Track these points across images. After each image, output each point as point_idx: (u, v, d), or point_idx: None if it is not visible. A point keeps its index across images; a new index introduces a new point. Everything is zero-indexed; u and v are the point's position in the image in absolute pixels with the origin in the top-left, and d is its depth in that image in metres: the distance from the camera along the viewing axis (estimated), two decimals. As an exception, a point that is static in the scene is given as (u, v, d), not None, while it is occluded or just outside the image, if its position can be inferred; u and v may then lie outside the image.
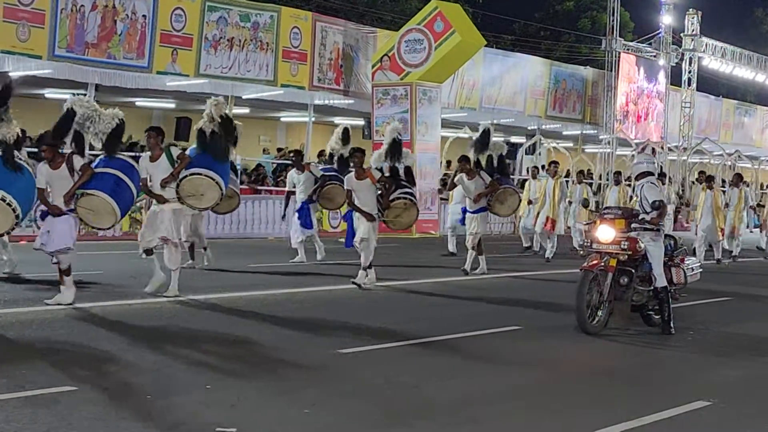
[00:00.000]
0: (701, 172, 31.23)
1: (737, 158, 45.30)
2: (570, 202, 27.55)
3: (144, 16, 29.21)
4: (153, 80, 29.86)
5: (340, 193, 20.76)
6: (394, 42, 35.44)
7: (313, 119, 35.26)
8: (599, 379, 11.32)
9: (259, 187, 32.92)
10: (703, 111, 54.85)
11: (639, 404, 9.62)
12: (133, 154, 19.29)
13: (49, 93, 31.16)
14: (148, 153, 15.83)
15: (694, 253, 22.67)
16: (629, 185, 27.19)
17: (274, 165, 35.96)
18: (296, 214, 22.31)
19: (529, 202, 27.07)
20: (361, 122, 36.36)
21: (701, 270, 15.48)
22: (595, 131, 46.79)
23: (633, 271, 13.79)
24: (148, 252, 15.92)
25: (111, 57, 28.53)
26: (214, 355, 11.30)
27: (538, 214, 26.61)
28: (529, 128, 44.41)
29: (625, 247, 13.62)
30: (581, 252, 18.25)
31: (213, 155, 15.93)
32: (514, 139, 44.17)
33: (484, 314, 15.59)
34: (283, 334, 12.94)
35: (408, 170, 19.23)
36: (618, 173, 30.01)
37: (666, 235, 14.34)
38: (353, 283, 17.88)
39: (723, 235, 27.50)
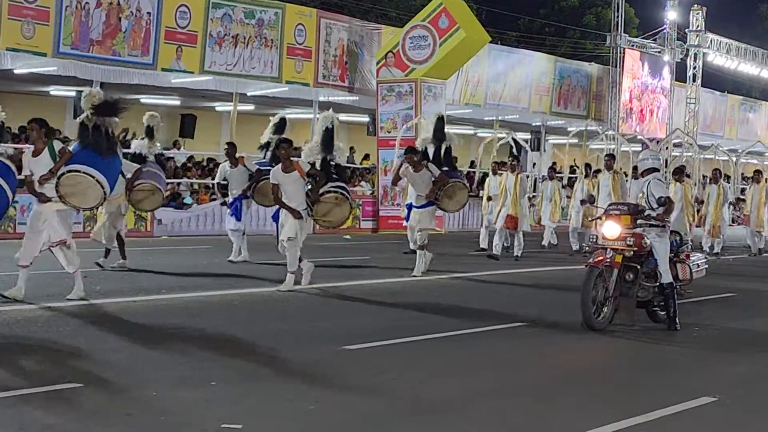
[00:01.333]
0: (716, 170, 30.60)
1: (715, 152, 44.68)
2: (530, 198, 26.60)
3: (149, 13, 29.23)
4: (158, 77, 29.89)
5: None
6: (398, 38, 35.45)
7: (317, 116, 35.21)
8: (605, 374, 11.32)
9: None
10: (708, 107, 54.81)
11: (645, 400, 9.61)
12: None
13: (54, 90, 31.23)
14: (32, 147, 14.83)
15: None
16: (596, 176, 26.54)
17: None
18: (228, 210, 21.37)
19: (489, 199, 25.92)
20: (365, 119, 36.39)
21: (707, 266, 15.47)
22: (600, 127, 46.75)
23: (638, 267, 13.78)
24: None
25: (116, 54, 28.57)
26: (218, 351, 11.29)
27: (500, 211, 25.02)
28: (533, 124, 44.41)
29: (631, 243, 13.60)
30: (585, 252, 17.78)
31: (96, 150, 14.75)
32: (519, 135, 44.18)
33: (487, 311, 15.56)
34: (285, 331, 12.94)
35: (339, 167, 17.79)
36: (588, 165, 28.47)
37: (671, 231, 14.33)
38: (279, 291, 16.60)
39: (691, 229, 27.10)
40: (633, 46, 48.99)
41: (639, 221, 13.80)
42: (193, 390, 9.34)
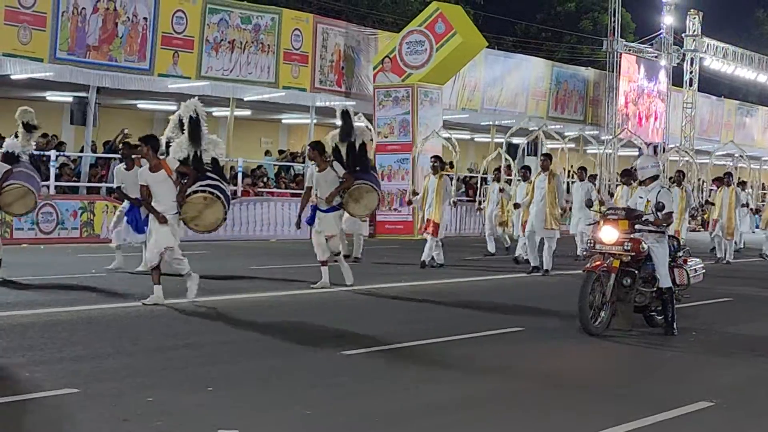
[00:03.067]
0: (727, 173, 30.11)
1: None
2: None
3: (145, 18, 29.24)
4: (154, 83, 29.90)
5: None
6: (395, 44, 35.49)
7: (314, 121, 35.24)
8: (602, 379, 11.30)
9: (260, 189, 32.89)
10: (705, 111, 54.90)
11: (642, 405, 9.60)
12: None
13: (51, 96, 31.21)
14: None
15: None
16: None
17: (276, 167, 35.96)
18: (125, 216, 19.33)
19: (516, 206, 24.23)
20: (362, 124, 36.36)
21: (704, 271, 15.46)
22: (597, 132, 46.77)
23: (636, 272, 13.76)
24: None
25: (112, 59, 28.58)
26: (214, 356, 11.28)
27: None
28: (530, 129, 44.42)
29: (629, 248, 13.59)
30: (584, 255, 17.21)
31: None
32: (515, 140, 44.19)
33: (485, 316, 15.55)
34: (283, 336, 12.91)
35: (215, 162, 15.82)
36: (526, 168, 26.10)
37: (669, 236, 14.32)
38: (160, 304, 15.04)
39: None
40: (630, 50, 49.04)
41: (637, 226, 13.79)
42: (190, 395, 9.32)
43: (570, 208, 25.82)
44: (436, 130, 33.61)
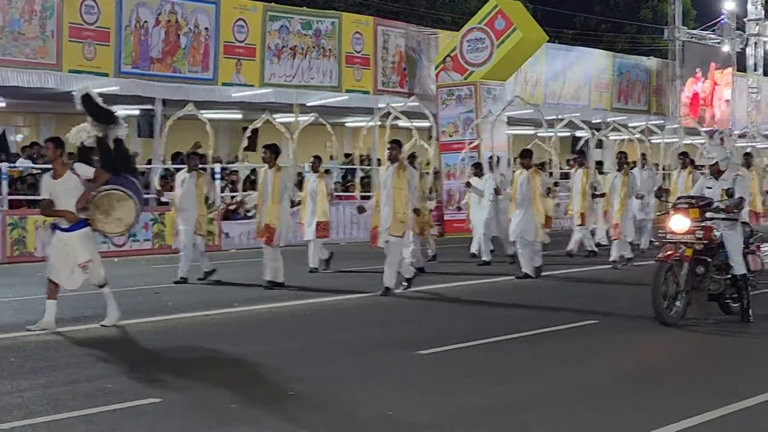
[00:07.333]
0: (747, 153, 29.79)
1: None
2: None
3: (206, 28, 29.49)
4: (218, 92, 30.11)
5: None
6: (455, 42, 35.50)
7: (378, 123, 35.30)
8: (680, 369, 11.26)
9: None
10: (771, 95, 54.35)
11: (721, 393, 9.57)
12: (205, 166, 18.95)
13: (117, 109, 31.40)
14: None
15: None
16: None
17: (342, 171, 36.05)
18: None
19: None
20: (427, 124, 36.36)
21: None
22: (662, 121, 46.44)
23: (709, 260, 13.70)
24: None
25: (176, 71, 28.86)
26: (294, 361, 11.36)
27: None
28: (594, 121, 44.22)
29: (701, 236, 13.53)
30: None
31: None
32: (579, 133, 44.00)
33: (557, 310, 15.49)
34: (303, 346, 12.82)
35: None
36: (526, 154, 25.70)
37: (741, 223, 14.24)
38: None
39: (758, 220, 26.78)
40: (692, 38, 48.68)
41: (708, 214, 13.72)
42: (273, 399, 9.40)
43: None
44: (492, 111, 32.76)
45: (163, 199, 19.91)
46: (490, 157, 25.00)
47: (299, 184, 22.63)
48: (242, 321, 14.62)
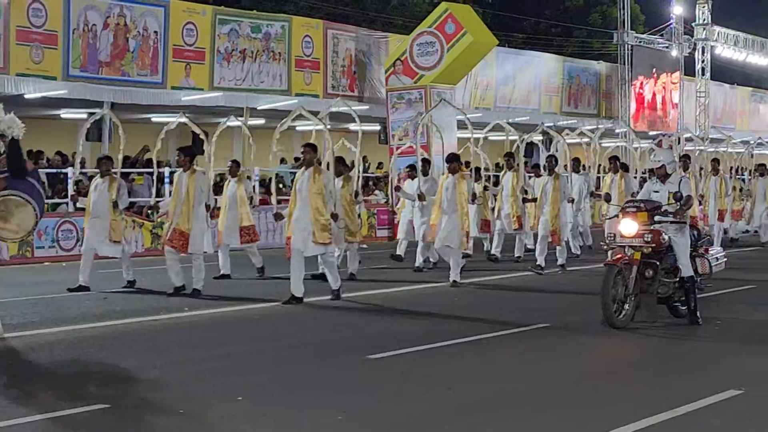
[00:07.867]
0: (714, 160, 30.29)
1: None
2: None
3: (155, 32, 29.29)
4: (168, 96, 29.93)
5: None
6: (406, 46, 35.45)
7: (328, 126, 35.20)
8: (629, 372, 11.32)
9: (279, 197, 32.88)
10: (719, 100, 54.73)
11: (671, 395, 9.61)
12: (150, 170, 18.79)
13: (65, 113, 31.30)
14: None
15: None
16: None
17: (292, 174, 35.97)
18: None
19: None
20: (377, 128, 36.38)
21: (726, 259, 15.46)
22: (611, 125, 46.69)
23: (658, 263, 13.78)
24: None
25: (125, 74, 28.62)
26: (240, 366, 11.31)
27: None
28: (545, 125, 44.37)
29: (649, 239, 13.60)
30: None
31: None
32: (536, 138, 44.21)
33: (505, 315, 15.51)
34: (308, 343, 12.94)
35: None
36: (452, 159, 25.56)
37: (689, 226, 14.32)
38: None
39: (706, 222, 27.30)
40: (640, 42, 48.98)
41: (657, 218, 13.79)
42: (221, 404, 9.34)
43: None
44: (444, 98, 32.20)
45: (78, 204, 19.64)
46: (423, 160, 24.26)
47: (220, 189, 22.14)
48: (192, 325, 14.51)
